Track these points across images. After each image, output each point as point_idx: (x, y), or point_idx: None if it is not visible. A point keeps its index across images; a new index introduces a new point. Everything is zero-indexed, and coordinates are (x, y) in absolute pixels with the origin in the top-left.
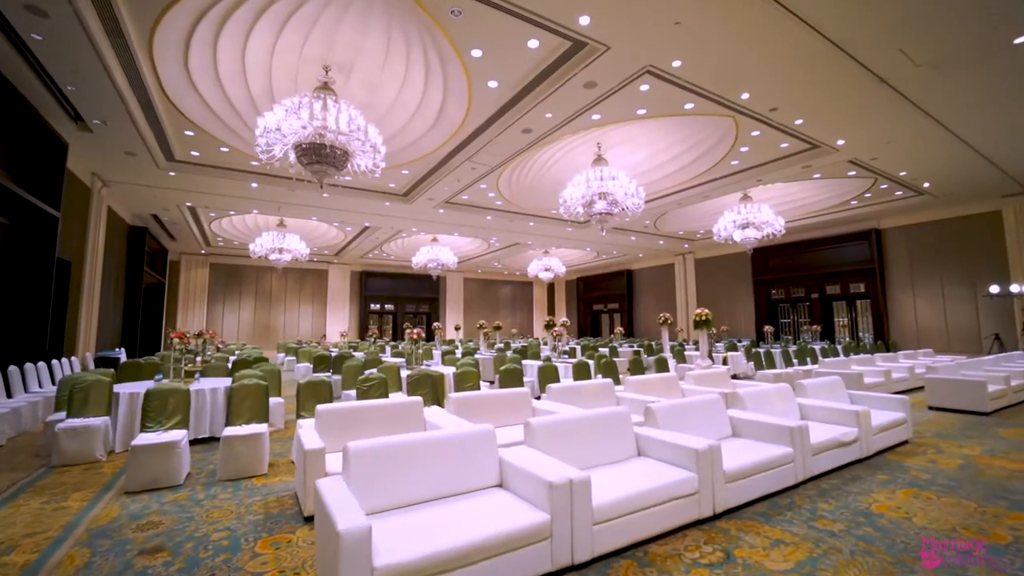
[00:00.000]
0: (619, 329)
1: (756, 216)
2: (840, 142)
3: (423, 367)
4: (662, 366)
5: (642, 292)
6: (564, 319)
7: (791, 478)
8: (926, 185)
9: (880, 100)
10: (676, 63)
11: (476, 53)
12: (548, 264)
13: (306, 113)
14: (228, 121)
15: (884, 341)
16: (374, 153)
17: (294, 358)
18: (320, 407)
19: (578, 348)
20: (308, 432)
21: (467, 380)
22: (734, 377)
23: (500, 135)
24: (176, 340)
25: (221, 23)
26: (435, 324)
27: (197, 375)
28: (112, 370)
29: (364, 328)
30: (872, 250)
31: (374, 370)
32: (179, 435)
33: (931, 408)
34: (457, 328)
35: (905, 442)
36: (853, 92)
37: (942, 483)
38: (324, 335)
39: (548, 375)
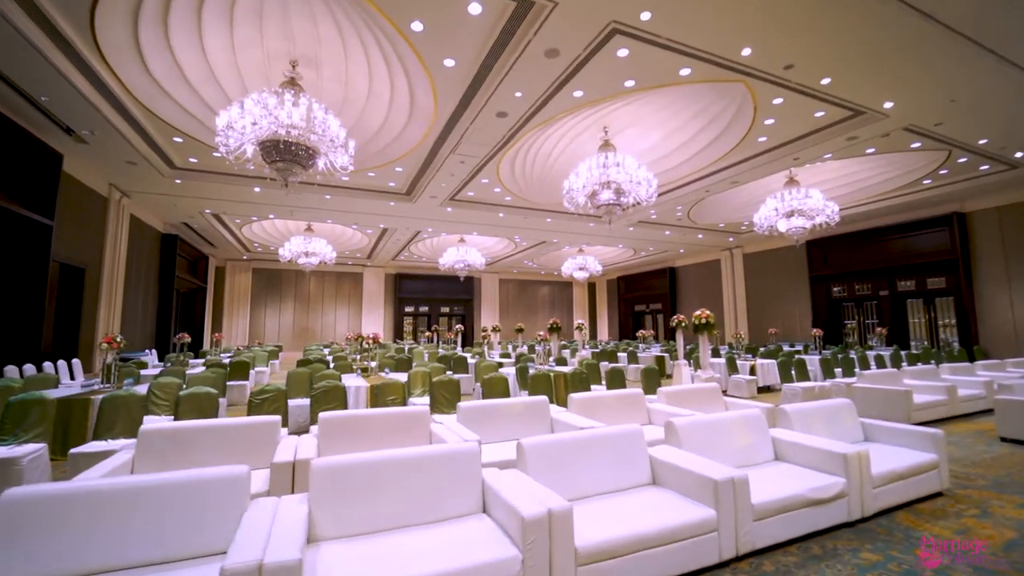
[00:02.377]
0: (642, 332)
1: (804, 203)
2: (887, 105)
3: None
4: (651, 379)
5: (686, 291)
6: (579, 321)
7: (711, 555)
8: (1018, 155)
9: (931, 45)
10: (645, 15)
11: (416, 27)
12: (583, 263)
13: (258, 109)
14: (211, 125)
15: (971, 346)
16: (338, 148)
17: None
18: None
19: (587, 352)
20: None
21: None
22: (743, 394)
23: (475, 122)
24: (105, 345)
25: (162, 22)
26: (457, 327)
27: (129, 380)
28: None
29: (399, 330)
30: (954, 238)
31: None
32: (32, 449)
33: (1003, 440)
34: (496, 330)
35: (938, 495)
36: (889, 37)
37: (966, 571)
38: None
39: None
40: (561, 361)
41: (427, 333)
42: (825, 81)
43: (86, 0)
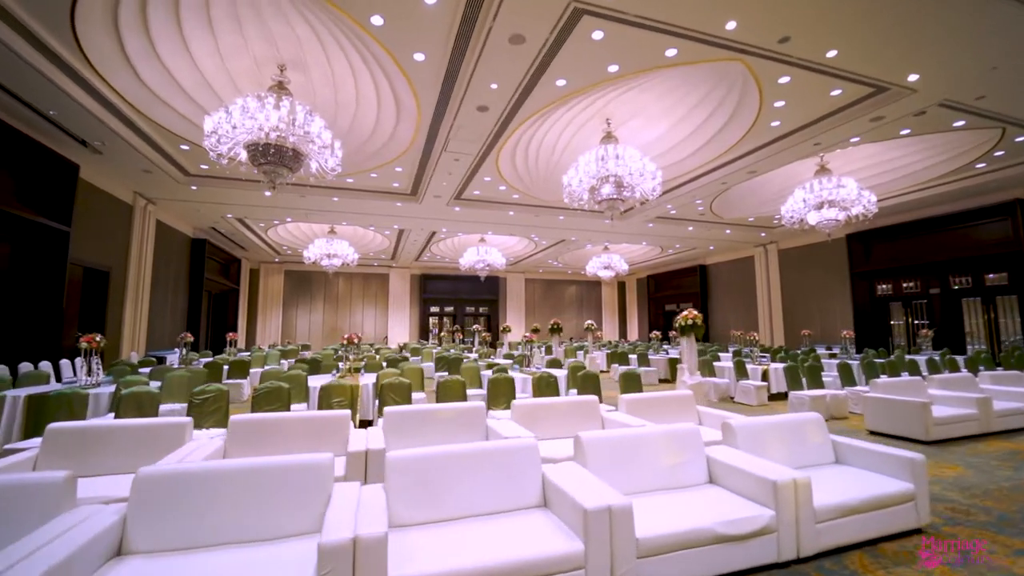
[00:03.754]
0: (656, 333)
1: (835, 193)
2: (912, 78)
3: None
4: (632, 383)
5: (718, 290)
6: (590, 322)
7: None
8: None
9: (951, 3)
10: None
11: (377, 21)
12: (608, 261)
13: (238, 114)
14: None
15: None
16: (323, 149)
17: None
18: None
19: (599, 353)
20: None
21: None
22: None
23: (457, 118)
24: (84, 344)
25: (144, 31)
26: (476, 327)
27: (107, 378)
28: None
29: (425, 330)
30: (1017, 227)
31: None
32: None
33: None
34: (506, 331)
35: (915, 532)
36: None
37: None
38: (386, 337)
39: (500, 388)
40: (555, 363)
41: (441, 334)
42: (831, 54)
43: (64, 10)
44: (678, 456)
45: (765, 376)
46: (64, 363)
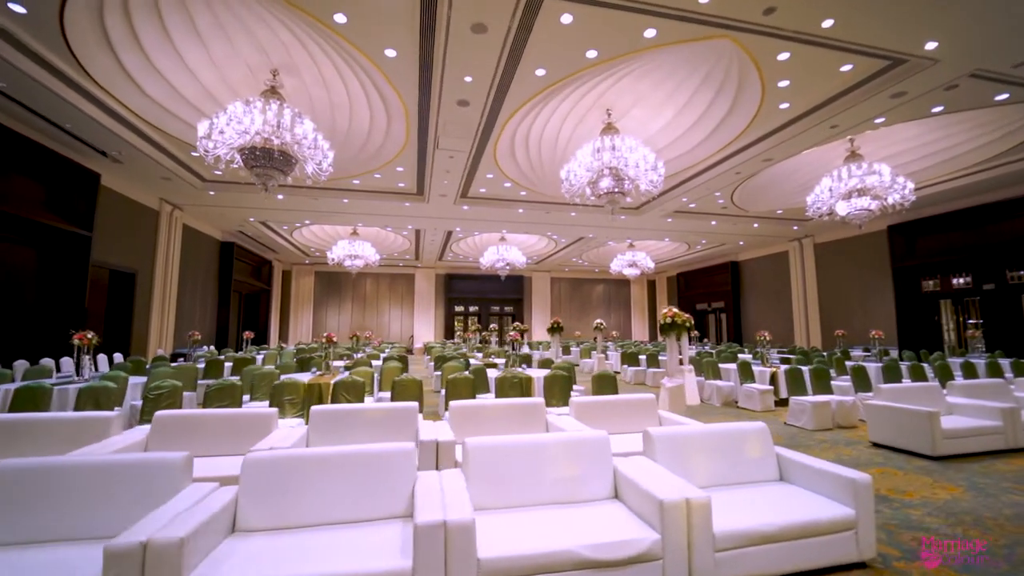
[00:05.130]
0: (694, 332)
1: (865, 180)
2: (930, 46)
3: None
4: (606, 386)
5: (751, 288)
6: (599, 321)
7: None
8: None
9: None
10: None
11: (340, 19)
12: (633, 259)
13: (223, 119)
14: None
15: None
16: (315, 150)
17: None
18: None
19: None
20: None
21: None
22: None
23: (440, 114)
24: (77, 341)
25: (138, 47)
26: (491, 327)
27: (96, 375)
28: None
29: (450, 330)
30: None
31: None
32: None
33: None
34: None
35: (858, 566)
36: None
37: None
38: (412, 336)
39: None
40: (547, 363)
41: (467, 333)
42: (827, 24)
43: (54, 27)
44: (574, 468)
45: (774, 379)
46: (85, 359)
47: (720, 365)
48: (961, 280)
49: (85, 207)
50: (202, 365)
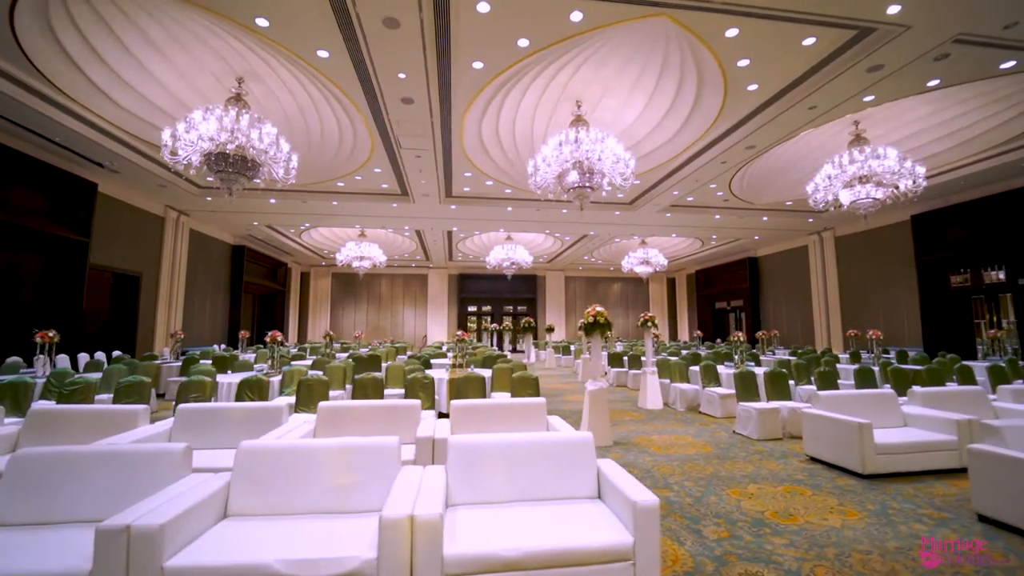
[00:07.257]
0: (699, 333)
1: (867, 166)
2: (893, 9)
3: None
4: (526, 387)
5: (770, 285)
6: (648, 314)
7: None
8: None
9: None
10: None
11: (262, 22)
12: (645, 255)
13: (182, 127)
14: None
15: None
16: (276, 155)
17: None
18: None
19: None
20: None
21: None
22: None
23: (390, 112)
24: (39, 339)
25: (100, 63)
26: (494, 326)
27: (54, 368)
28: None
29: (463, 329)
30: None
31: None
32: None
33: (981, 519)
34: (550, 330)
35: None
36: None
37: None
38: (425, 336)
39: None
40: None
41: (464, 335)
42: None
43: (11, 45)
44: (351, 476)
45: None
46: (82, 356)
47: (691, 368)
48: (993, 274)
49: (84, 214)
50: (178, 363)
